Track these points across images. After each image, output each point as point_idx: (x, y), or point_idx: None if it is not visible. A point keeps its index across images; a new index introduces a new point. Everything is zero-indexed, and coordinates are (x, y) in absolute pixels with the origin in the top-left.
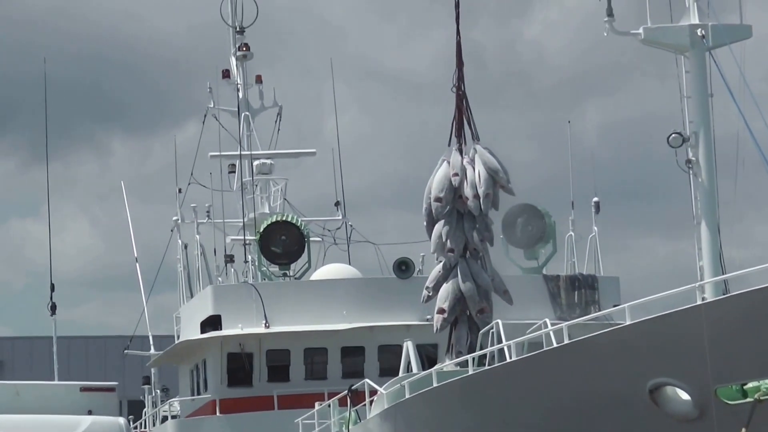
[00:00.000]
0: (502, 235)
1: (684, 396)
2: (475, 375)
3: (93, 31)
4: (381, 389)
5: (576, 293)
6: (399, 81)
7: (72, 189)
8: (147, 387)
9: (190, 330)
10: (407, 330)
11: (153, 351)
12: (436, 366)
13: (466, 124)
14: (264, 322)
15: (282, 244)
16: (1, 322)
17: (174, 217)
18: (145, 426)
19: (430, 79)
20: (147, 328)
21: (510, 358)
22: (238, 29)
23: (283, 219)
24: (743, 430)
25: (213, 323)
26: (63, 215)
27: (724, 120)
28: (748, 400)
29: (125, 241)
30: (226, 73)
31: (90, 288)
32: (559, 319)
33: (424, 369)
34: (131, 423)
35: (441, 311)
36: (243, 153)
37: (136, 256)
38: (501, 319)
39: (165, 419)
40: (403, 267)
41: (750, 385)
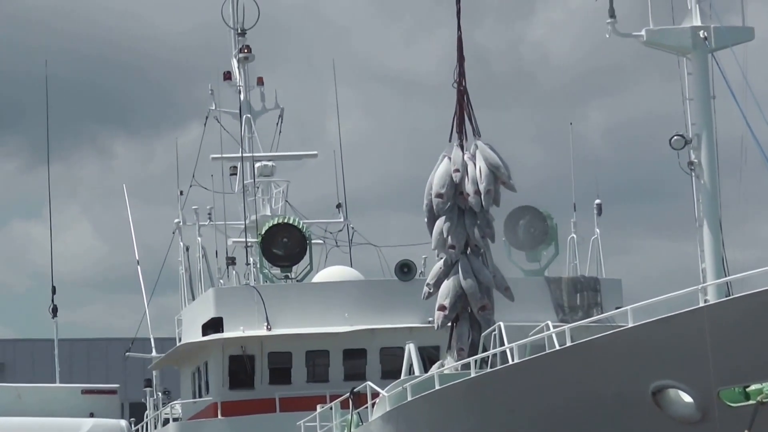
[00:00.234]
0: (504, 237)
1: (687, 398)
2: (478, 377)
3: (95, 33)
4: (383, 392)
5: (578, 295)
6: (401, 82)
7: (74, 191)
8: (148, 389)
9: (191, 332)
10: (409, 332)
11: (154, 353)
12: (437, 364)
13: (467, 119)
14: (266, 324)
15: (284, 246)
16: (3, 324)
17: (176, 220)
18: (147, 428)
19: (432, 81)
20: (149, 330)
21: (512, 360)
22: (239, 31)
23: (285, 221)
24: None
25: (214, 325)
26: (65, 217)
27: (726, 122)
28: (750, 402)
29: (127, 244)
30: (227, 75)
31: (92, 290)
32: (562, 322)
33: (426, 371)
34: (133, 425)
35: (442, 308)
36: (244, 155)
37: (137, 258)
38: (503, 322)
39: (166, 422)
40: (405, 269)
41: (752, 388)
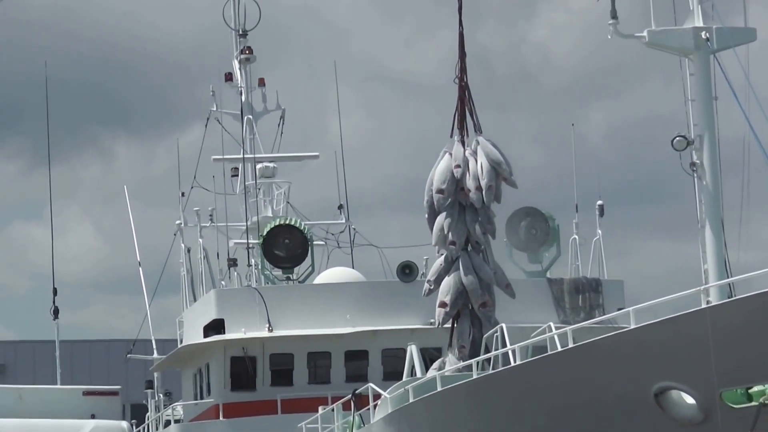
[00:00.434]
0: (505, 238)
1: (689, 400)
2: (480, 379)
3: (96, 33)
4: (385, 393)
5: (580, 297)
6: (403, 83)
7: (76, 192)
8: (150, 391)
9: (193, 334)
10: (411, 334)
11: (156, 355)
12: (437, 362)
13: (468, 115)
14: (267, 325)
15: (285, 247)
16: (4, 325)
17: (177, 221)
18: (148, 430)
19: (434, 82)
20: (150, 331)
21: (514, 362)
22: (240, 32)
23: (287, 222)
24: None
25: (216, 327)
26: (66, 218)
27: (728, 123)
28: (753, 403)
29: (128, 245)
30: (228, 76)
31: (93, 291)
32: (563, 323)
33: (427, 372)
34: (134, 427)
35: (443, 305)
36: (246, 156)
37: (139, 259)
38: (505, 323)
39: (168, 423)
40: (407, 270)
41: (755, 389)
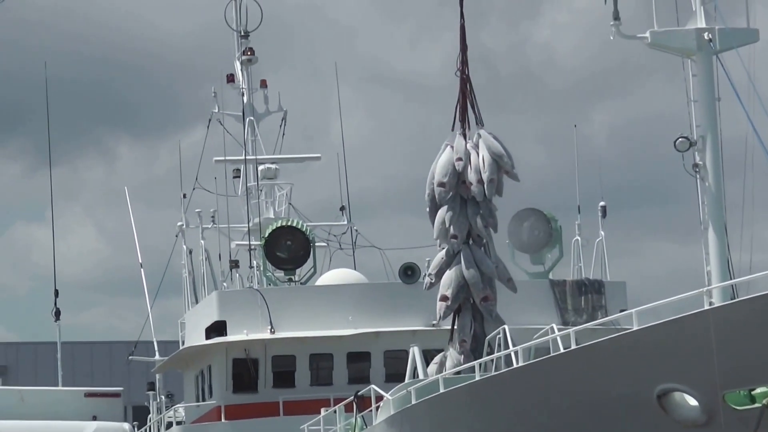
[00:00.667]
0: (508, 240)
1: (692, 402)
2: (482, 381)
3: (98, 34)
4: (387, 395)
5: (582, 298)
6: (406, 84)
7: (78, 193)
8: (152, 393)
9: (195, 336)
10: (413, 335)
11: (158, 357)
12: (438, 356)
13: (469, 108)
14: (269, 327)
15: (287, 249)
16: (6, 327)
17: (179, 222)
18: None
19: (437, 83)
20: (152, 333)
21: (517, 363)
22: (242, 33)
23: (289, 224)
24: None
25: (218, 329)
26: (68, 220)
27: (731, 124)
28: (756, 405)
29: (130, 246)
30: (230, 78)
31: (95, 293)
32: (566, 324)
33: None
34: (136, 429)
35: (444, 298)
36: (248, 158)
37: (140, 261)
38: (508, 325)
39: (170, 425)
40: (409, 272)
41: (758, 391)
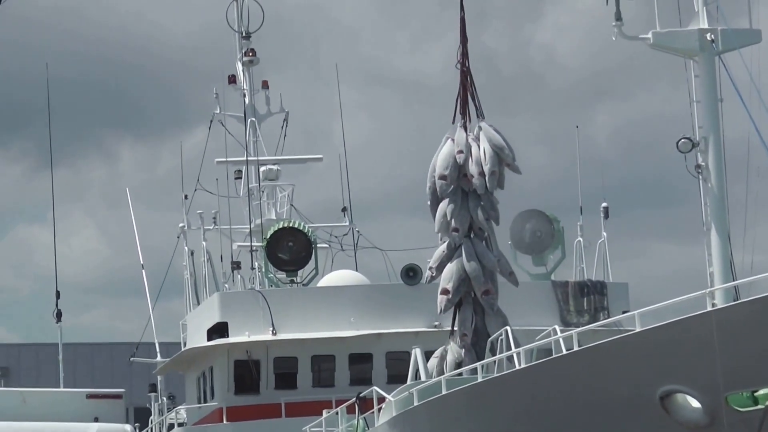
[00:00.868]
0: (510, 241)
1: (694, 403)
2: (484, 382)
3: (100, 35)
4: (389, 397)
5: (585, 299)
6: (408, 86)
7: (79, 195)
8: (153, 394)
9: (196, 337)
10: (415, 337)
11: (159, 358)
12: (439, 350)
13: (470, 100)
14: (271, 329)
15: (289, 250)
16: (8, 328)
17: (180, 224)
18: None
19: (439, 84)
20: (153, 335)
21: (519, 365)
22: (244, 34)
23: (290, 225)
24: None
25: (220, 330)
26: (70, 221)
27: (734, 125)
28: (759, 407)
29: (132, 248)
30: (232, 79)
31: (96, 294)
32: (568, 326)
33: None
34: (137, 430)
35: (445, 292)
36: (249, 159)
37: (142, 262)
38: (509, 325)
39: (171, 427)
40: (411, 273)
41: (761, 392)
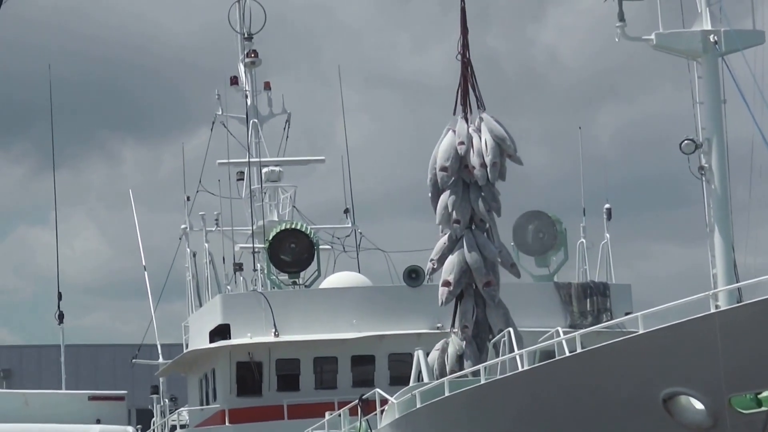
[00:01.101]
0: (512, 242)
1: (698, 405)
2: (487, 384)
3: (102, 36)
4: (392, 399)
5: (588, 301)
6: (410, 87)
7: (81, 196)
8: (155, 396)
9: (198, 339)
10: (418, 338)
11: (161, 360)
12: (440, 343)
13: (471, 92)
14: (273, 330)
15: (291, 252)
16: (10, 330)
17: (182, 225)
18: None
19: (442, 86)
20: (155, 336)
21: (522, 367)
22: (246, 36)
23: (293, 227)
24: None
25: (222, 332)
26: (72, 222)
27: (737, 126)
28: (762, 409)
29: (134, 249)
30: (234, 80)
31: (98, 296)
32: (571, 327)
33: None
34: None
35: (446, 284)
36: (251, 160)
37: (144, 264)
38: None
39: (174, 429)
40: (414, 275)
41: (764, 394)
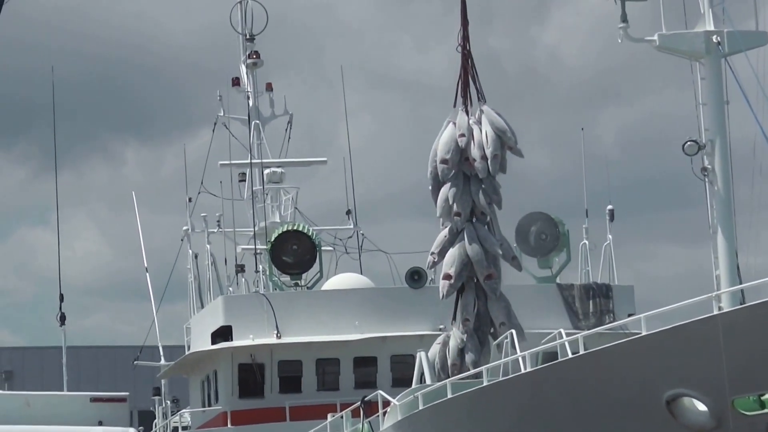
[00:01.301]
0: (515, 244)
1: (701, 407)
2: (490, 386)
3: (105, 37)
4: (394, 400)
5: (590, 302)
6: (413, 88)
7: (83, 197)
8: (157, 398)
9: (200, 341)
10: (420, 340)
11: (163, 361)
12: (441, 336)
13: (471, 84)
14: (275, 332)
15: (293, 253)
16: (12, 332)
17: (184, 227)
18: None
19: (444, 87)
20: (157, 338)
21: (525, 368)
22: (247, 36)
23: (295, 228)
24: None
25: (224, 334)
26: (74, 224)
27: (740, 127)
28: (765, 410)
29: (136, 251)
30: (236, 81)
31: (100, 298)
32: (574, 329)
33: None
34: None
35: (447, 277)
36: (253, 161)
37: (146, 265)
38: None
39: (176, 430)
40: (416, 276)
41: (767, 396)
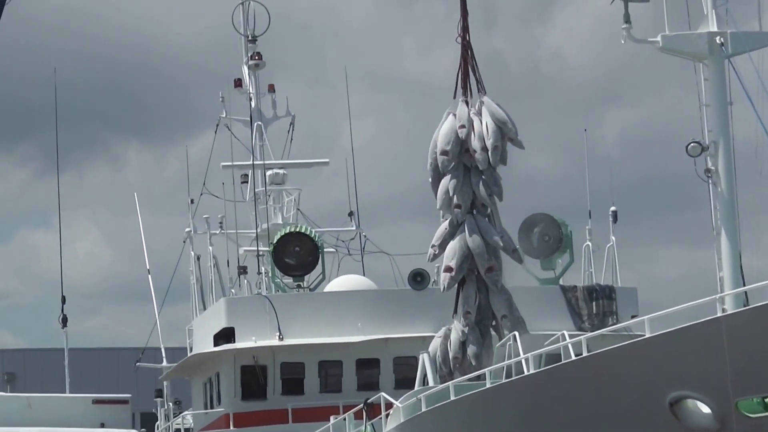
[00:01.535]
0: (518, 245)
1: (704, 409)
2: (493, 388)
3: (107, 38)
4: (397, 402)
5: (594, 304)
6: (414, 89)
7: (85, 199)
8: (160, 400)
9: (203, 343)
10: (423, 342)
11: (165, 363)
12: (442, 329)
13: (471, 75)
14: (278, 334)
15: (296, 255)
16: (14, 334)
17: (186, 228)
18: None
19: (446, 88)
20: (159, 340)
21: (528, 371)
22: (250, 38)
23: (297, 230)
24: None
25: (226, 336)
26: (76, 226)
27: (744, 128)
28: None
29: (138, 253)
30: (238, 83)
31: (102, 299)
32: (577, 330)
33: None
34: None
35: (448, 269)
36: (255, 163)
37: (148, 267)
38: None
39: None
40: (418, 278)
41: None
